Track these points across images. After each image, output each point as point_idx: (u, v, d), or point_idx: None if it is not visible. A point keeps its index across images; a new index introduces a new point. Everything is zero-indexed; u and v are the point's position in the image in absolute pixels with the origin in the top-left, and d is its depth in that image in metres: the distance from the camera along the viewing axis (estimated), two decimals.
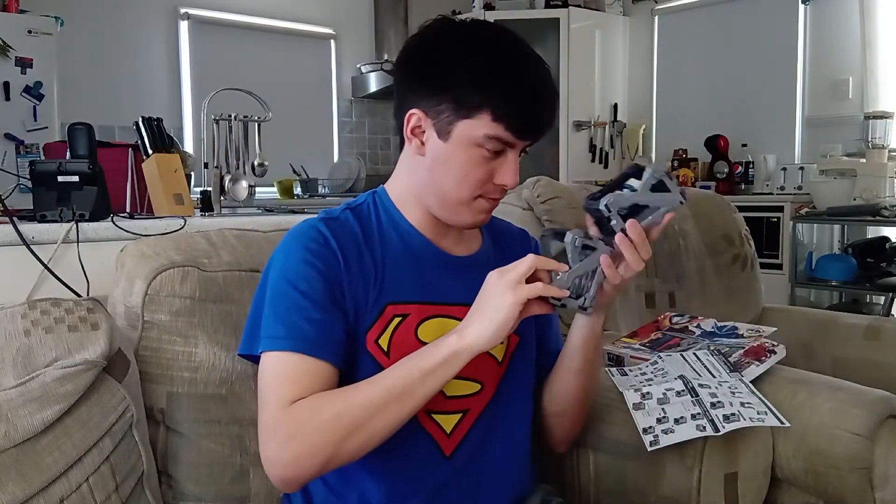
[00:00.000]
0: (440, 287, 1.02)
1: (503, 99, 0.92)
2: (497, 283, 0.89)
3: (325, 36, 5.08)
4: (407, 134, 0.98)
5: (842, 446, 1.22)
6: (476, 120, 0.93)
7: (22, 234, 1.40)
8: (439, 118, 0.95)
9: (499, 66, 0.93)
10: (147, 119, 1.82)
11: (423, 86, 0.96)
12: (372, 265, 0.98)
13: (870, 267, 3.67)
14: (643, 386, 1.25)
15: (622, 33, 5.22)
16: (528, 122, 0.95)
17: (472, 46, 0.95)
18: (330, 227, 0.97)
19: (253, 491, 1.13)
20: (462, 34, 0.97)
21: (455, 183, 0.96)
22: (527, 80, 0.94)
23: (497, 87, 0.92)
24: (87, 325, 0.99)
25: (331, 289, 0.94)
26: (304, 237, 0.96)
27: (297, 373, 0.90)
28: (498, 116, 0.92)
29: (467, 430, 1.02)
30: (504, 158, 0.96)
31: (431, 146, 0.97)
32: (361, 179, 4.70)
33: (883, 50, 4.01)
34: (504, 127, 0.93)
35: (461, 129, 0.94)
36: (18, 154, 3.43)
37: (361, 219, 1.02)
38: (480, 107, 0.92)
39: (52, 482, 0.93)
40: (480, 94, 0.92)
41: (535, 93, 0.94)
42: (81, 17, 4.01)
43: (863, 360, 1.81)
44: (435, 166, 0.97)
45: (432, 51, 0.97)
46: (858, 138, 3.90)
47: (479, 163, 0.95)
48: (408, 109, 0.97)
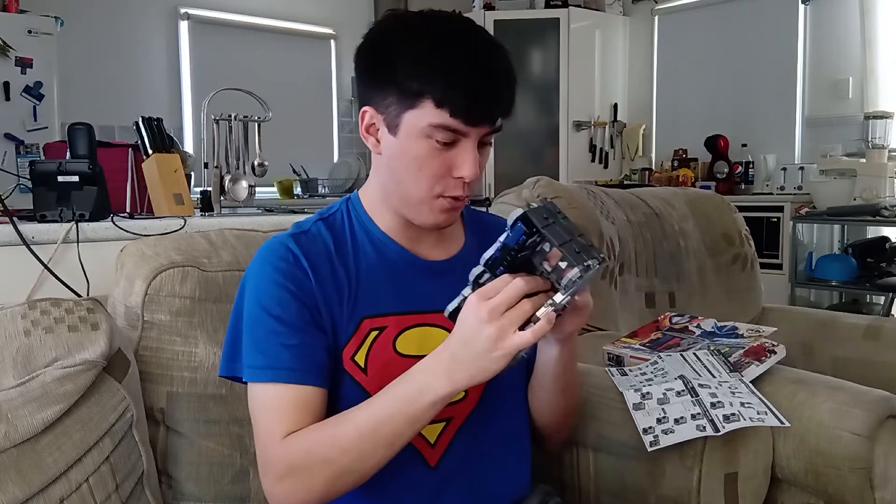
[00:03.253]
0: (418, 295, 0.98)
1: (443, 82, 0.87)
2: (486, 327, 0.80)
3: (325, 36, 5.08)
4: (362, 133, 0.96)
5: (842, 446, 1.22)
6: (420, 109, 0.88)
7: (22, 234, 1.40)
8: (387, 112, 0.91)
9: (438, 49, 0.88)
10: (147, 119, 1.82)
11: (371, 82, 0.93)
12: (345, 278, 0.95)
13: (870, 267, 3.68)
14: (643, 386, 1.25)
15: (622, 33, 5.22)
16: (474, 107, 0.88)
17: (413, 35, 0.91)
18: (299, 243, 0.94)
19: (253, 491, 1.13)
20: (406, 25, 0.93)
21: (412, 179, 0.92)
22: (468, 61, 0.88)
23: (436, 71, 0.87)
24: (87, 325, 0.99)
25: (306, 309, 0.91)
26: (272, 256, 0.93)
27: (282, 404, 0.88)
28: (440, 103, 0.87)
29: (451, 439, 0.99)
30: (459, 149, 0.90)
31: (385, 143, 0.93)
32: (361, 179, 4.70)
33: (883, 50, 4.01)
34: (448, 113, 0.87)
35: (407, 120, 0.89)
36: (18, 154, 3.43)
37: (334, 229, 0.98)
38: (422, 94, 0.87)
39: (52, 482, 0.93)
40: (420, 81, 0.87)
41: (479, 72, 0.88)
42: (81, 17, 4.01)
43: (863, 360, 1.81)
44: (391, 163, 0.93)
45: (377, 45, 0.94)
46: (858, 138, 3.90)
47: (431, 155, 0.90)
48: (360, 107, 0.95)
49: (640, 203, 2.02)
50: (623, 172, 5.15)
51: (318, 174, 4.76)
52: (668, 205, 2.06)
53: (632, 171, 5.04)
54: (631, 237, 1.90)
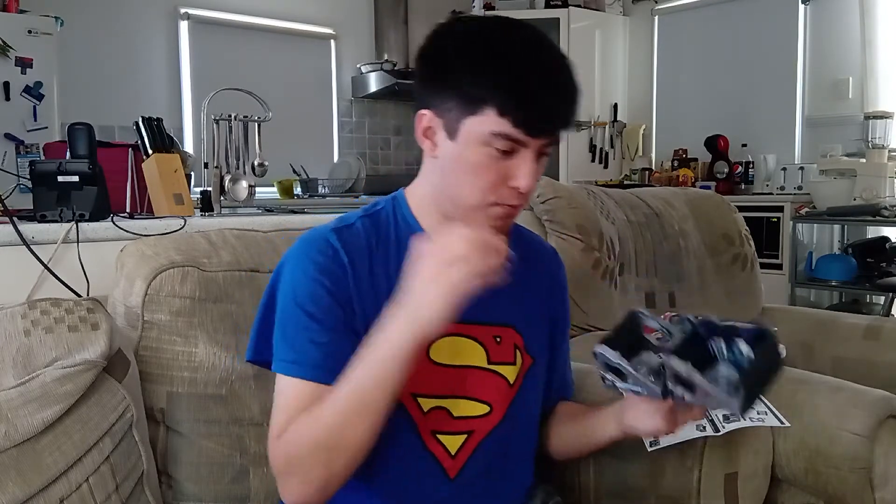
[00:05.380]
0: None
1: (509, 91, 0.86)
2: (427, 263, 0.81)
3: (325, 36, 5.08)
4: (419, 135, 0.94)
5: (842, 446, 1.22)
6: (482, 116, 0.87)
7: (22, 234, 1.40)
8: (447, 116, 0.90)
9: (504, 56, 0.87)
10: (147, 119, 1.82)
11: (431, 84, 0.92)
12: (384, 278, 0.93)
13: (870, 267, 3.68)
14: None
15: (622, 33, 5.22)
16: (538, 118, 0.87)
17: (477, 38, 0.89)
18: (341, 238, 0.93)
19: (253, 491, 1.13)
20: (469, 28, 0.92)
21: (467, 185, 0.91)
22: (536, 69, 0.87)
23: (502, 78, 0.86)
24: (87, 325, 0.99)
25: (340, 308, 0.90)
26: (311, 249, 0.92)
27: (298, 400, 0.88)
28: (504, 111, 0.86)
29: (472, 452, 0.98)
30: (518, 159, 0.89)
31: (442, 147, 0.92)
32: (361, 179, 4.70)
33: (883, 50, 4.01)
34: (511, 123, 0.86)
35: (468, 126, 0.88)
36: (18, 154, 3.43)
37: (378, 226, 0.97)
38: (485, 101, 0.86)
39: (52, 482, 0.93)
40: (485, 88, 0.86)
41: (545, 84, 0.87)
42: (81, 17, 4.00)
43: (863, 360, 1.81)
44: (447, 168, 0.92)
45: (439, 48, 0.92)
46: (858, 138, 3.90)
47: (489, 163, 0.89)
48: (419, 110, 0.94)
49: (640, 203, 2.02)
50: (623, 172, 5.15)
51: (318, 174, 4.76)
52: (668, 205, 2.06)
53: (632, 171, 5.04)
54: (631, 237, 1.90)
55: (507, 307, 1.01)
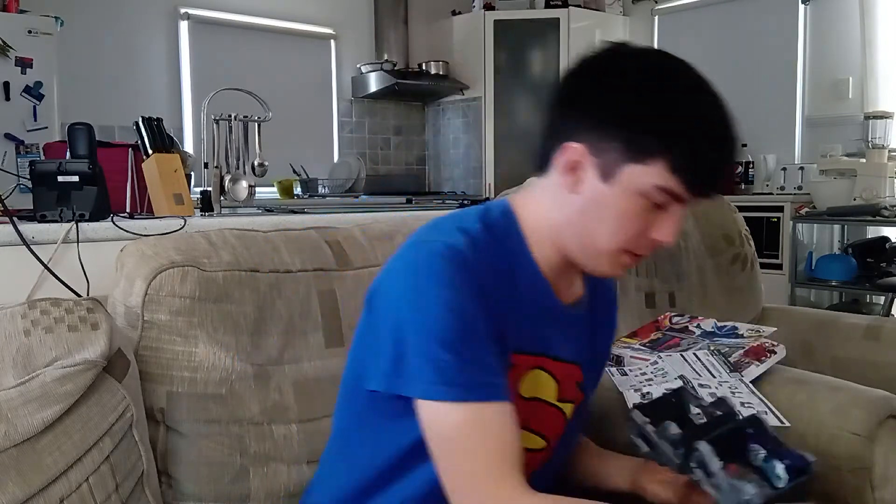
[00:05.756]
0: (546, 337, 0.93)
1: (687, 150, 0.80)
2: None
3: (325, 36, 5.08)
4: (562, 168, 0.87)
5: (842, 446, 1.22)
6: (649, 167, 0.81)
7: (22, 234, 1.40)
8: (605, 157, 0.83)
9: (686, 110, 0.81)
10: (147, 119, 1.82)
11: (589, 118, 0.85)
12: (504, 304, 0.87)
13: (870, 267, 3.68)
14: (643, 386, 1.25)
15: (622, 33, 5.22)
16: (710, 180, 0.83)
17: (653, 81, 0.83)
18: (475, 255, 0.85)
19: (253, 491, 1.13)
20: (641, 65, 0.85)
21: (607, 231, 0.85)
22: (717, 130, 0.82)
23: (683, 135, 0.81)
24: (87, 325, 0.99)
25: (493, 326, 0.84)
26: (452, 264, 0.83)
27: (504, 429, 0.81)
28: (676, 168, 0.81)
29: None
30: (667, 212, 0.85)
31: (589, 187, 0.85)
32: (361, 179, 4.70)
33: (883, 50, 4.01)
34: (681, 181, 0.81)
35: (629, 174, 0.82)
36: (18, 154, 3.43)
37: (496, 244, 0.89)
38: (657, 154, 0.81)
39: (52, 482, 0.93)
40: (660, 141, 0.80)
41: (724, 147, 0.83)
42: (81, 17, 4.01)
43: (863, 360, 1.81)
44: (588, 209, 0.86)
45: (604, 80, 0.85)
46: (858, 138, 3.90)
47: (639, 214, 0.84)
48: (565, 140, 0.86)
49: None
50: None
51: (318, 174, 4.76)
52: None
53: None
54: None
55: (578, 344, 1.00)
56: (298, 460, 1.16)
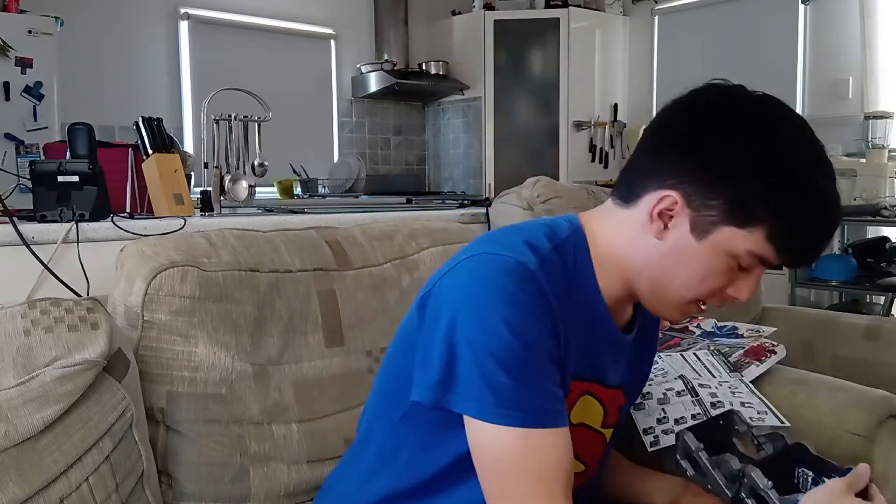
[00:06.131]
0: (599, 364, 0.92)
1: (791, 223, 0.78)
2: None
3: (325, 36, 5.08)
4: (653, 213, 0.83)
5: (842, 446, 1.22)
6: (746, 232, 0.79)
7: (22, 234, 1.40)
8: (701, 213, 0.80)
9: (799, 181, 0.78)
10: (147, 119, 1.82)
11: (692, 169, 0.81)
12: (566, 327, 0.84)
13: (870, 267, 3.67)
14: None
15: (622, 33, 5.22)
16: (806, 254, 0.82)
17: (769, 145, 0.79)
18: (545, 275, 0.82)
19: (253, 491, 1.13)
20: (758, 123, 0.81)
21: (685, 284, 0.83)
22: (825, 206, 0.79)
23: (791, 207, 0.77)
24: (87, 325, 0.99)
25: (556, 348, 0.81)
26: (521, 281, 0.80)
27: (556, 457, 0.79)
28: (775, 238, 0.78)
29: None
30: (750, 273, 0.83)
31: (677, 237, 0.82)
32: (361, 179, 4.70)
33: (883, 50, 4.01)
34: (775, 250, 0.79)
35: (724, 235, 0.80)
36: (18, 154, 3.43)
37: (566, 264, 0.87)
38: (759, 222, 0.78)
39: (52, 482, 0.93)
40: (766, 209, 0.78)
41: (828, 222, 0.80)
42: (81, 17, 4.01)
43: (863, 360, 1.81)
44: (670, 258, 0.83)
45: (715, 131, 0.81)
46: (858, 138, 3.90)
47: (723, 273, 0.82)
48: (663, 186, 0.82)
49: None
50: None
51: (318, 174, 4.76)
52: None
53: None
54: None
55: (623, 369, 0.98)
56: (298, 460, 1.17)
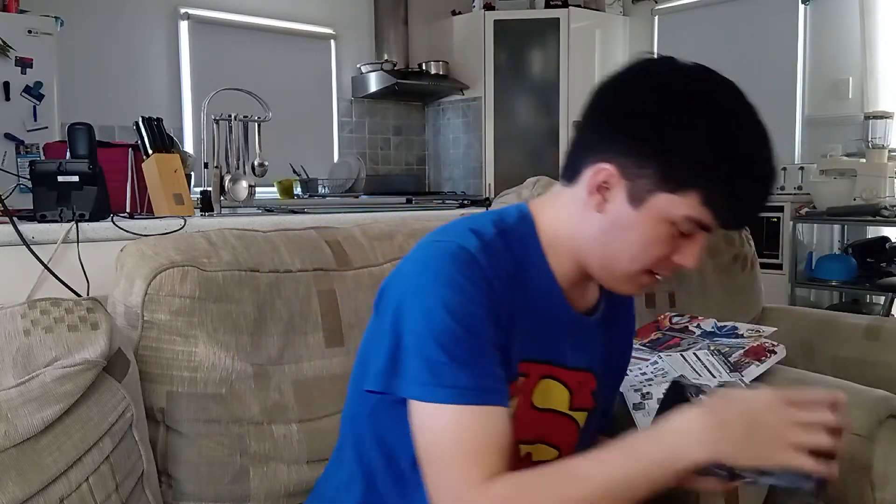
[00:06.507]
0: (558, 346, 0.92)
1: (723, 186, 0.79)
2: (784, 432, 0.74)
3: (325, 36, 5.08)
4: (590, 187, 0.85)
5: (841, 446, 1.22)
6: (681, 198, 0.80)
7: (22, 234, 1.40)
8: (636, 182, 0.81)
9: (728, 143, 0.78)
10: (147, 119, 1.82)
11: (625, 140, 0.82)
12: (514, 310, 0.85)
13: (870, 267, 3.68)
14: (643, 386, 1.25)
15: (622, 33, 5.22)
16: (743, 215, 0.83)
17: (697, 109, 0.80)
18: (487, 258, 0.83)
19: (253, 491, 1.13)
20: (685, 88, 0.82)
21: (629, 254, 0.85)
22: (757, 167, 0.80)
23: (720, 171, 0.78)
24: (87, 325, 0.99)
25: (496, 330, 0.82)
26: (461, 265, 0.82)
27: (484, 434, 0.78)
28: (709, 201, 0.79)
29: None
30: (691, 239, 0.84)
31: (616, 208, 0.84)
32: (361, 179, 4.70)
33: (883, 50, 4.01)
34: (712, 214, 0.80)
35: (659, 202, 0.81)
36: (18, 154, 3.43)
37: (509, 250, 0.87)
38: (691, 186, 0.79)
39: (52, 482, 0.93)
40: (697, 173, 0.78)
41: (761, 184, 0.81)
42: (81, 17, 4.01)
43: (863, 360, 1.81)
44: (612, 231, 0.85)
45: (646, 101, 0.82)
46: (858, 138, 3.90)
47: (663, 240, 0.83)
48: (598, 160, 0.84)
49: None
50: None
51: (318, 174, 4.76)
52: None
53: None
54: None
55: (592, 352, 0.98)
56: (298, 460, 1.17)
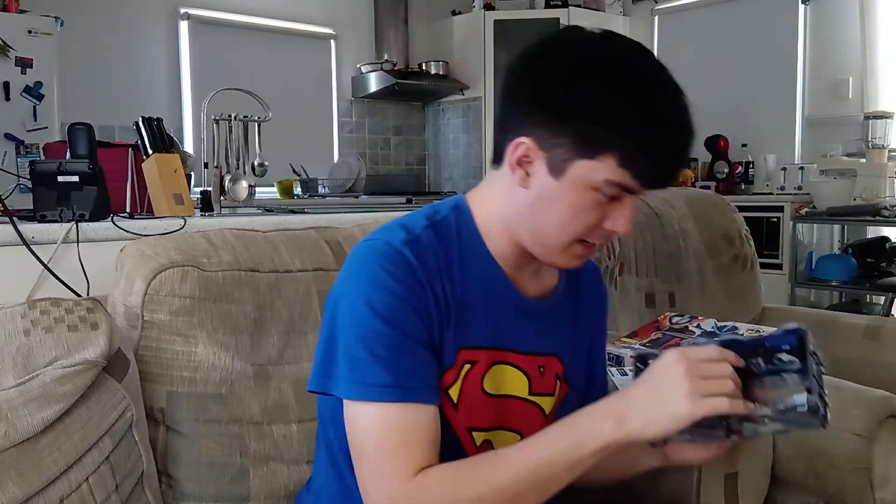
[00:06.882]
0: (508, 331, 0.92)
1: (637, 145, 0.78)
2: (682, 382, 0.75)
3: (325, 36, 5.08)
4: (511, 163, 0.85)
5: (842, 446, 1.22)
6: (598, 162, 0.79)
7: (22, 234, 1.40)
8: (553, 152, 0.82)
9: (637, 103, 0.78)
10: (147, 119, 1.82)
11: (537, 112, 0.82)
12: (452, 300, 0.86)
13: (870, 267, 3.68)
14: None
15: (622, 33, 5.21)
16: (662, 173, 0.82)
17: (603, 73, 0.80)
18: (415, 252, 0.84)
19: (253, 491, 1.13)
20: (589, 53, 0.82)
21: (558, 225, 0.84)
22: (669, 123, 0.80)
23: (632, 129, 0.78)
24: (87, 325, 0.99)
25: (424, 327, 0.83)
26: (386, 260, 0.83)
27: (409, 430, 0.79)
28: (626, 162, 0.79)
29: None
30: (619, 203, 0.83)
31: (539, 181, 0.84)
32: (361, 179, 4.70)
33: (883, 50, 4.01)
34: (631, 174, 0.80)
35: (578, 169, 0.80)
36: (18, 154, 3.43)
37: (442, 241, 0.88)
38: (606, 149, 0.78)
39: (52, 482, 0.93)
40: (609, 135, 0.78)
41: (675, 140, 0.81)
42: (81, 17, 4.01)
43: (863, 360, 1.81)
44: (539, 203, 0.85)
45: (553, 71, 0.82)
46: (858, 138, 3.90)
47: (590, 207, 0.82)
48: (515, 135, 0.84)
49: (640, 203, 2.02)
50: None
51: (318, 174, 4.76)
52: (668, 205, 2.07)
53: None
54: (631, 237, 1.90)
55: (555, 336, 0.98)
56: (298, 460, 1.17)
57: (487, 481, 0.78)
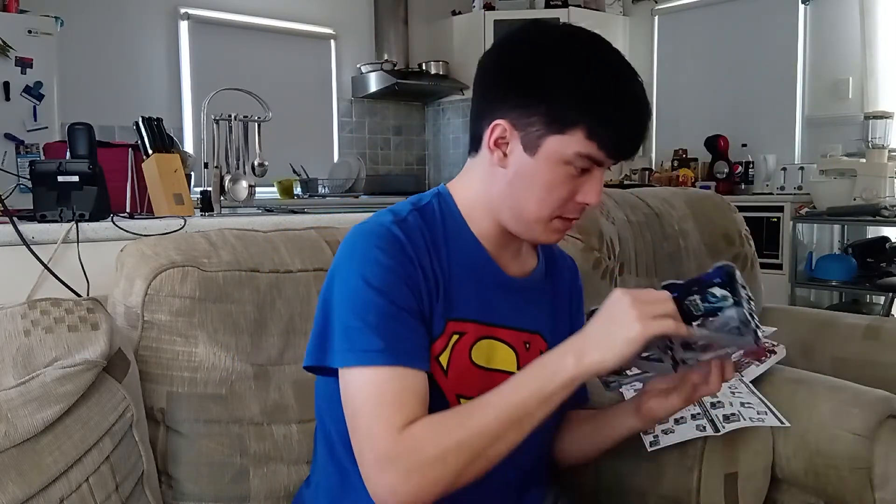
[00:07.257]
0: (493, 306, 0.98)
1: (601, 117, 0.88)
2: (629, 310, 0.82)
3: (325, 36, 5.08)
4: (489, 145, 0.93)
5: (842, 446, 1.22)
6: (568, 136, 0.88)
7: (22, 234, 1.40)
8: (527, 131, 0.90)
9: (599, 81, 0.89)
10: (147, 119, 1.82)
11: (512, 95, 0.91)
12: (440, 274, 0.93)
13: (870, 267, 3.68)
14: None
15: (622, 33, 5.22)
16: (625, 142, 0.91)
17: (569, 57, 0.90)
18: (404, 231, 0.91)
19: (253, 491, 1.13)
20: (553, 41, 0.91)
21: (536, 200, 0.92)
22: (628, 98, 0.90)
23: (596, 104, 0.88)
24: (87, 325, 0.99)
25: (414, 299, 0.89)
26: (377, 239, 0.90)
27: (400, 390, 0.84)
28: (592, 134, 0.88)
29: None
30: (589, 176, 0.92)
31: (515, 160, 0.92)
32: (361, 179, 4.70)
33: (883, 50, 4.01)
34: (597, 146, 0.89)
35: (551, 144, 0.89)
36: (18, 154, 3.43)
37: (428, 223, 0.96)
38: (575, 123, 0.88)
39: (52, 482, 0.93)
40: (577, 111, 0.88)
41: (634, 112, 0.90)
42: (81, 17, 4.01)
43: (863, 360, 1.81)
44: (516, 181, 0.93)
45: (524, 59, 0.92)
46: (858, 138, 3.90)
47: (564, 181, 0.91)
48: (492, 119, 0.92)
49: (640, 203, 2.02)
50: (623, 172, 5.15)
51: (318, 174, 4.76)
52: (668, 205, 2.06)
53: (632, 171, 5.04)
54: (631, 237, 1.90)
55: (536, 314, 1.04)
56: (298, 460, 1.17)
57: (465, 425, 0.83)
